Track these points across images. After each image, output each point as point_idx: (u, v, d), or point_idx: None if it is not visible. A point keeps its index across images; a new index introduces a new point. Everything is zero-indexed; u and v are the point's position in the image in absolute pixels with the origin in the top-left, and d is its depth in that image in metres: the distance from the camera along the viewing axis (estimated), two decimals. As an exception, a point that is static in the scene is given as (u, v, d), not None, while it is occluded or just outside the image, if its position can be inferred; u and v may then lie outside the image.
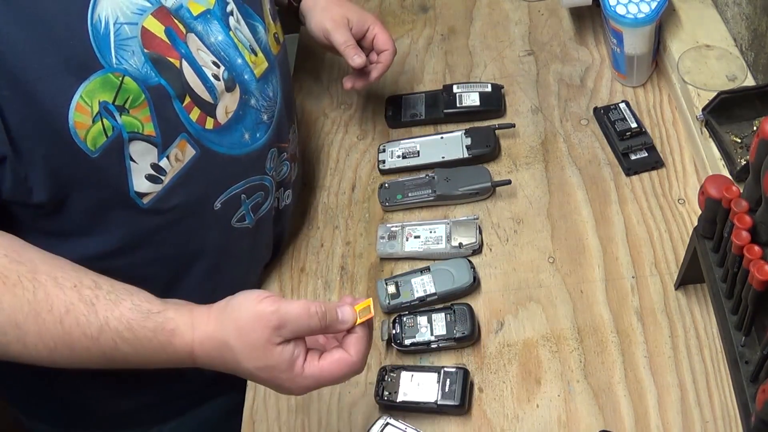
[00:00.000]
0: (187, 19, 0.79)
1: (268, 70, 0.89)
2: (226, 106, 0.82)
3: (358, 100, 1.21)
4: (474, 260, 0.96)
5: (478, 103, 1.12)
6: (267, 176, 0.91)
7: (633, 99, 1.10)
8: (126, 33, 0.73)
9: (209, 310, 0.67)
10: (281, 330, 0.64)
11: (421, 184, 1.05)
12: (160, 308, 0.66)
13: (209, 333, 0.66)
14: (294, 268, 1.03)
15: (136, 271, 0.84)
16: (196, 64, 0.79)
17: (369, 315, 0.68)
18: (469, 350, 0.90)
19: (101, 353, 0.65)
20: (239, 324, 0.65)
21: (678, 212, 0.97)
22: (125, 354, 0.66)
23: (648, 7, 1.01)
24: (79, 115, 0.70)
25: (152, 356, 0.66)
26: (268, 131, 0.89)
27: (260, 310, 0.64)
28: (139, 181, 0.76)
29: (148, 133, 0.75)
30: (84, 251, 0.79)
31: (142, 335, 0.65)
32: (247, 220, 0.91)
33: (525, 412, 0.84)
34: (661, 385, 0.83)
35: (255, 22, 0.88)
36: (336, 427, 0.87)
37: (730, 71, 1.01)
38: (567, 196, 1.02)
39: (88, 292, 0.65)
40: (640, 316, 0.89)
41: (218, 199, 0.85)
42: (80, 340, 0.65)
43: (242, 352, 0.65)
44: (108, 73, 0.71)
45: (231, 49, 0.83)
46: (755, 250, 0.65)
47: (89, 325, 0.64)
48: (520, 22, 1.26)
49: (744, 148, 0.91)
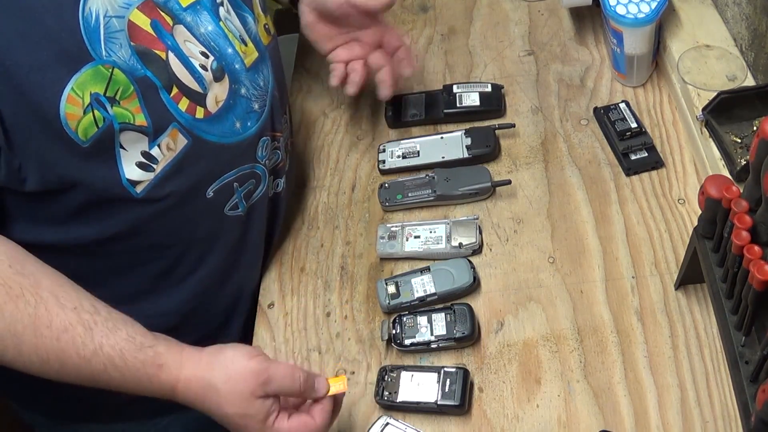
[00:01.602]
0: (176, 11, 0.81)
1: (258, 59, 0.90)
2: (215, 96, 0.83)
3: (358, 100, 1.21)
4: (474, 260, 0.97)
5: (478, 103, 1.12)
6: (259, 164, 0.92)
7: (633, 99, 1.10)
8: (114, 26, 0.74)
9: (200, 354, 0.73)
10: (267, 386, 0.71)
11: (421, 184, 1.05)
12: (152, 343, 0.71)
13: (198, 374, 0.71)
14: (294, 268, 1.03)
15: (129, 257, 0.87)
16: (182, 56, 0.80)
17: (341, 389, 0.75)
18: (469, 350, 0.90)
19: (90, 374, 0.69)
20: (230, 373, 0.71)
21: (678, 212, 0.97)
22: (111, 378, 0.70)
23: (648, 7, 1.01)
24: (71, 106, 0.71)
25: (136, 385, 0.71)
26: (259, 120, 0.90)
27: (252, 366, 0.71)
28: (130, 168, 0.78)
29: (139, 123, 0.76)
30: (78, 238, 0.82)
31: (132, 365, 0.69)
32: (240, 208, 0.92)
33: (525, 412, 0.84)
34: (661, 385, 0.83)
35: (245, 13, 0.90)
36: (336, 427, 0.87)
37: (730, 71, 1.01)
38: (567, 196, 1.02)
39: (87, 316, 0.69)
40: (640, 316, 0.89)
41: (211, 188, 0.87)
42: (72, 359, 0.68)
43: (227, 397, 0.70)
44: (98, 65, 0.72)
45: (221, 39, 0.85)
46: (755, 250, 0.65)
47: (84, 346, 0.68)
48: (520, 22, 1.26)
49: (744, 148, 0.91)
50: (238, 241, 0.95)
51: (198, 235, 0.90)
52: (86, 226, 0.81)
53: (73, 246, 0.83)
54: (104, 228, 0.82)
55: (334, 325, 0.96)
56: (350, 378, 0.90)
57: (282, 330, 0.97)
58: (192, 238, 0.89)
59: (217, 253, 0.93)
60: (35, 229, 0.80)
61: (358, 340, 0.94)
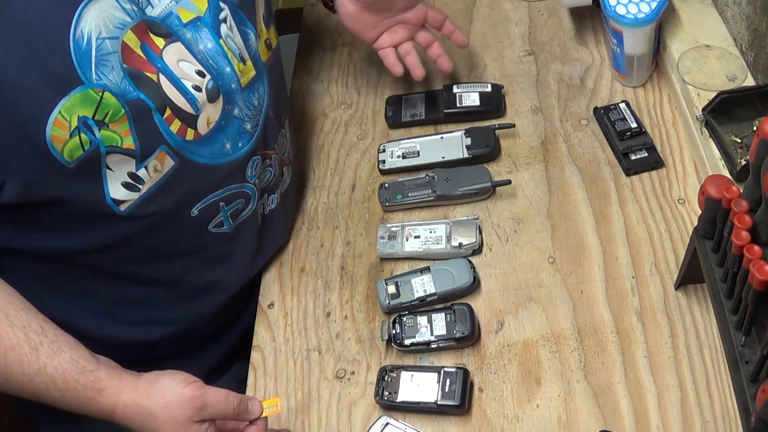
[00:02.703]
0: (176, 26, 0.80)
1: (254, 78, 0.89)
2: (207, 117, 0.83)
3: (358, 100, 1.21)
4: (474, 260, 0.97)
5: (478, 103, 1.12)
6: (248, 184, 0.91)
7: (633, 99, 1.10)
8: (108, 48, 0.73)
9: (138, 381, 0.74)
10: (202, 411, 0.73)
11: (421, 184, 1.05)
12: (93, 367, 0.73)
13: (135, 401, 0.73)
14: (294, 268, 1.03)
15: (112, 268, 0.87)
16: (174, 77, 0.79)
17: (274, 410, 0.79)
18: (469, 350, 0.90)
19: (32, 391, 0.73)
20: (166, 399, 0.73)
21: (678, 212, 0.97)
22: (53, 398, 0.73)
23: (648, 7, 1.01)
24: (57, 129, 0.70)
25: (77, 406, 0.73)
26: (251, 140, 0.89)
27: (187, 393, 0.73)
28: (115, 188, 0.77)
29: (127, 147, 0.76)
30: (59, 247, 0.82)
31: (72, 387, 0.72)
32: (226, 225, 0.91)
33: (525, 412, 0.84)
34: (661, 385, 0.83)
35: (247, 29, 0.88)
36: (336, 427, 0.87)
37: (730, 71, 1.01)
38: (567, 196, 1.02)
39: (34, 336, 0.72)
40: (640, 316, 0.89)
41: (195, 207, 0.86)
42: (17, 376, 0.71)
43: (164, 425, 0.72)
44: (88, 89, 0.71)
45: (220, 58, 0.83)
46: (755, 250, 0.65)
47: (29, 365, 0.71)
48: (520, 22, 1.26)
49: (744, 148, 0.91)
50: (224, 257, 0.95)
51: (179, 250, 0.90)
52: (67, 237, 0.81)
53: (53, 255, 0.83)
54: (86, 240, 0.82)
55: (334, 325, 0.96)
56: (350, 378, 0.91)
57: (282, 330, 0.97)
58: (175, 253, 0.89)
59: (199, 267, 0.93)
60: (15, 236, 0.80)
61: (358, 340, 0.94)
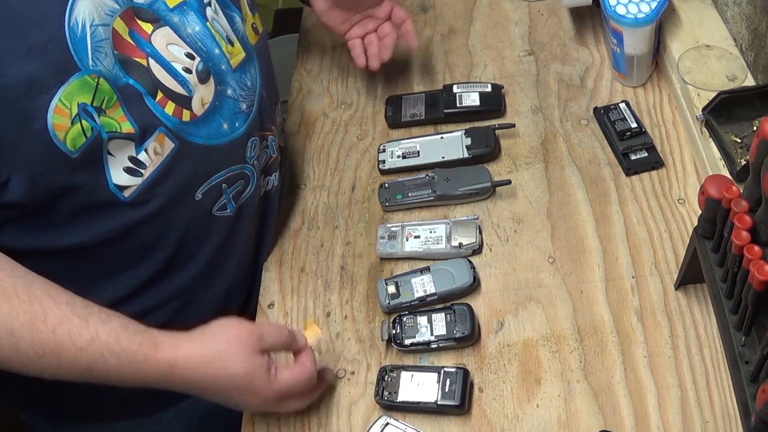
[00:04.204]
0: (163, 11, 0.81)
1: (245, 59, 0.90)
2: (201, 98, 0.84)
3: (358, 100, 1.21)
4: (474, 260, 0.97)
5: (478, 103, 1.12)
6: (248, 165, 0.92)
7: (633, 99, 1.10)
8: (100, 35, 0.74)
9: (189, 334, 0.76)
10: (262, 342, 0.76)
11: (421, 184, 1.05)
12: (145, 328, 0.74)
13: (195, 351, 0.74)
14: (294, 268, 1.03)
15: (118, 260, 0.87)
16: (164, 61, 0.80)
17: (318, 335, 0.86)
18: (469, 350, 0.90)
19: (86, 365, 0.70)
20: (227, 337, 0.75)
21: (678, 212, 0.97)
22: (109, 365, 0.71)
23: (648, 7, 1.01)
24: (58, 117, 0.71)
25: (134, 369, 0.72)
26: (247, 120, 0.90)
27: (244, 327, 0.76)
28: (117, 174, 0.78)
29: (126, 131, 0.76)
30: (66, 243, 0.82)
31: (128, 348, 0.71)
32: (229, 208, 0.92)
33: (525, 412, 0.84)
34: (661, 385, 0.83)
35: (232, 13, 0.90)
36: (336, 427, 0.87)
37: (730, 71, 1.01)
38: (567, 196, 1.02)
39: (80, 309, 0.72)
40: (640, 316, 0.89)
41: (199, 190, 0.87)
42: (69, 351, 0.70)
43: (232, 358, 0.74)
44: (85, 75, 0.72)
45: (208, 40, 0.85)
46: (755, 250, 0.65)
47: (80, 336, 0.70)
48: (520, 22, 1.26)
49: (744, 148, 0.91)
50: (226, 241, 0.95)
51: (186, 236, 0.90)
52: (74, 231, 0.81)
53: (62, 251, 0.83)
54: (92, 232, 0.82)
55: (334, 325, 0.96)
56: (350, 378, 0.91)
57: (282, 330, 0.97)
58: (180, 240, 0.89)
59: (204, 253, 0.93)
60: (23, 236, 0.80)
61: (358, 340, 0.94)
